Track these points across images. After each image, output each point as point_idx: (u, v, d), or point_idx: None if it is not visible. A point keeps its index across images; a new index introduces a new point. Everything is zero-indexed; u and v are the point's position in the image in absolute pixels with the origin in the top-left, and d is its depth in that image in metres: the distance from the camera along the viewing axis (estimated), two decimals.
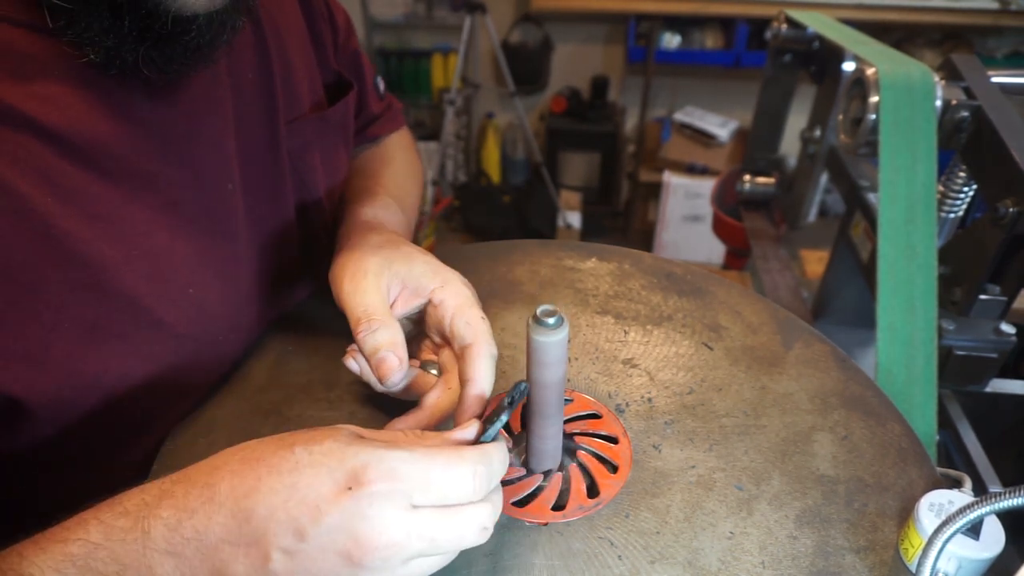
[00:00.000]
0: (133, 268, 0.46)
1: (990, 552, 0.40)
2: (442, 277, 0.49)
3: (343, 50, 0.71)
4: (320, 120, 0.63)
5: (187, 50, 0.44)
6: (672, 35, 2.86)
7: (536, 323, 0.41)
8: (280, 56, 0.59)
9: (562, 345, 0.42)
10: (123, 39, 0.41)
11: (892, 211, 0.67)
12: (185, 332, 0.51)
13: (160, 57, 0.43)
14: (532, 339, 0.41)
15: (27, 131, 0.41)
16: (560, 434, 0.48)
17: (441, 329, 0.49)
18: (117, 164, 0.45)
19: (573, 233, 3.00)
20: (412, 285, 0.50)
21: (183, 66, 0.45)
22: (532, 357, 0.42)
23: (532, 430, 0.47)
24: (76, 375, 0.45)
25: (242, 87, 0.55)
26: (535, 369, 0.43)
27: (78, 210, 0.43)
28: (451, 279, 0.49)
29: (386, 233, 0.56)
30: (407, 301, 0.50)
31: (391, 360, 0.45)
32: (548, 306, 0.41)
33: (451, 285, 0.49)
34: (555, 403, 0.45)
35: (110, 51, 0.41)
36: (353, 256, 0.51)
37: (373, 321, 0.46)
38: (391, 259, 0.50)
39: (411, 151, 0.82)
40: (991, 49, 2.80)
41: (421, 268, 0.50)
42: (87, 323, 0.45)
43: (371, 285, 0.48)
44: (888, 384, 0.62)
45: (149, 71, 0.43)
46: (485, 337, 0.46)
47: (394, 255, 0.50)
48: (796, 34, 1.04)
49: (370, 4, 3.03)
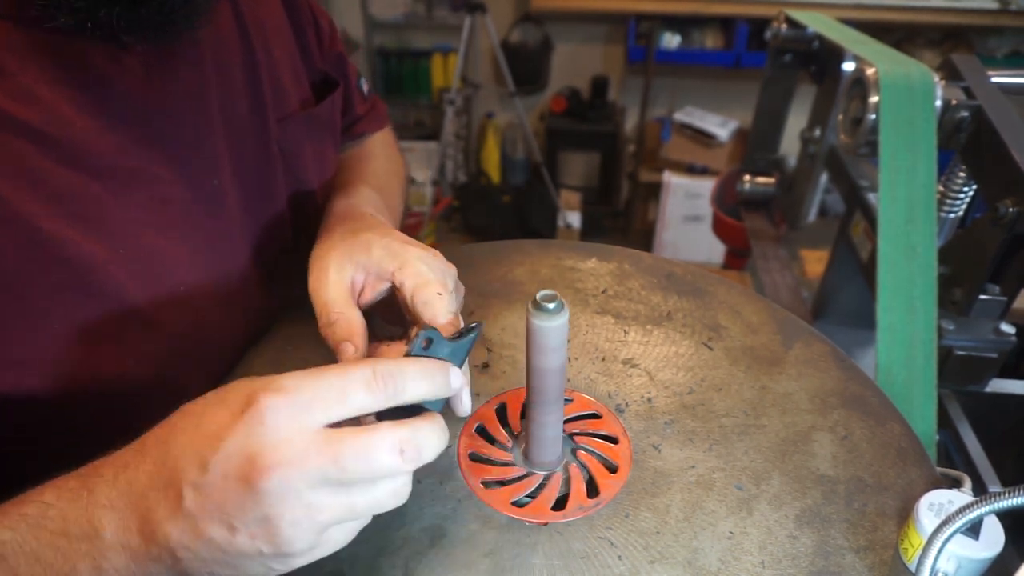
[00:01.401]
0: (122, 267, 0.46)
1: (990, 552, 0.40)
2: (400, 259, 0.49)
3: (328, 51, 0.71)
4: (309, 117, 0.63)
5: (163, 10, 0.43)
6: (672, 35, 2.86)
7: (536, 308, 0.41)
8: (266, 54, 0.59)
9: (562, 330, 0.41)
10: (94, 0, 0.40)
11: (892, 211, 0.67)
12: (178, 331, 0.50)
13: (136, 19, 0.42)
14: (532, 324, 0.41)
15: (7, 129, 0.40)
16: (560, 423, 0.47)
17: (409, 310, 0.49)
18: (100, 161, 0.45)
19: (573, 233, 3.00)
20: (374, 271, 0.50)
21: (161, 30, 0.44)
22: (532, 342, 0.42)
23: (532, 418, 0.46)
24: (69, 377, 0.45)
25: (229, 85, 0.55)
26: (535, 355, 0.42)
27: (63, 210, 0.43)
28: (408, 259, 0.49)
29: (351, 223, 0.56)
30: (374, 286, 0.50)
31: (347, 349, 0.46)
32: (548, 291, 0.41)
33: (408, 266, 0.49)
34: (555, 390, 0.45)
35: (80, 12, 0.40)
36: (318, 253, 0.52)
37: (332, 314, 0.47)
38: (351, 250, 0.50)
39: (393, 148, 0.83)
40: (991, 49, 2.80)
41: (379, 253, 0.50)
42: (78, 325, 0.44)
43: (332, 279, 0.49)
44: (888, 384, 0.62)
45: (126, 36, 0.42)
46: (442, 313, 0.46)
47: (354, 245, 0.51)
48: (796, 34, 1.04)
49: (370, 4, 3.03)
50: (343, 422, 0.35)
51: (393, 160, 0.81)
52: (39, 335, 0.43)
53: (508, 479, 0.48)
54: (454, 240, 3.25)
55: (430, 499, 0.46)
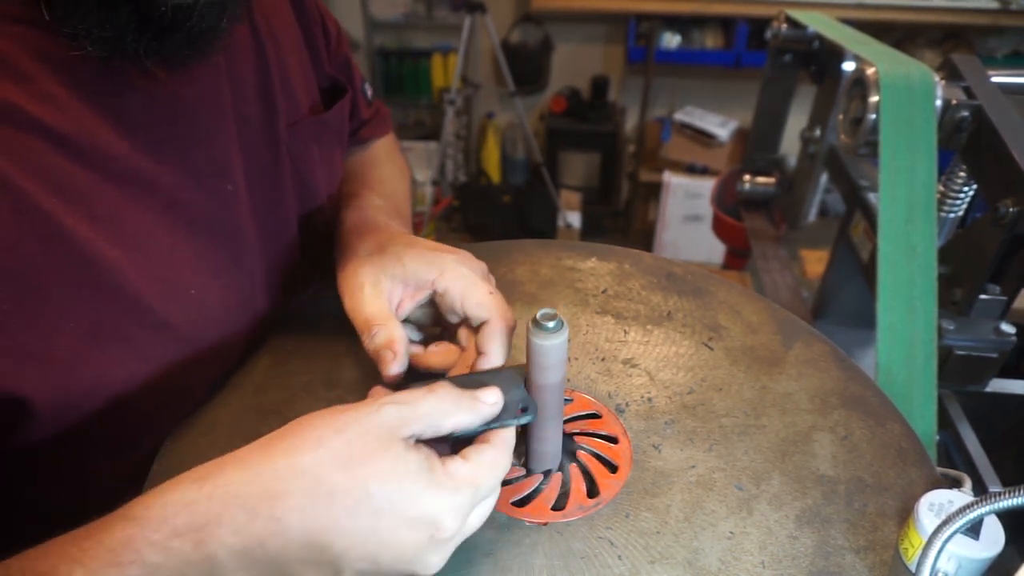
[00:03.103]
0: (136, 269, 0.46)
1: (990, 552, 0.40)
2: (438, 267, 0.51)
3: (335, 56, 0.71)
4: (319, 123, 0.63)
5: (188, 38, 0.43)
6: (672, 35, 2.86)
7: (536, 327, 0.41)
8: (277, 59, 0.59)
9: (562, 349, 0.42)
10: (122, 30, 0.41)
11: (892, 211, 0.67)
12: (188, 333, 0.51)
13: (162, 48, 0.43)
14: (532, 342, 0.42)
15: (30, 131, 0.41)
16: (559, 436, 0.48)
17: (455, 313, 0.51)
18: (117, 165, 0.45)
19: (573, 233, 3.00)
20: (412, 282, 0.51)
21: (185, 56, 0.45)
22: (532, 360, 0.43)
23: (531, 432, 0.47)
24: (80, 375, 0.45)
25: (242, 90, 0.55)
26: (534, 372, 0.43)
27: (82, 210, 0.43)
28: (447, 265, 0.51)
29: (373, 236, 0.57)
30: (413, 297, 0.52)
31: (386, 356, 0.48)
32: (548, 310, 0.42)
33: (449, 271, 0.50)
34: (554, 406, 0.45)
35: (108, 43, 0.41)
36: (347, 271, 0.53)
37: (373, 327, 0.48)
38: (383, 265, 0.52)
39: (397, 154, 0.84)
40: (991, 49, 2.80)
41: (414, 264, 0.51)
42: (91, 324, 0.45)
43: (368, 296, 0.50)
44: (888, 384, 0.62)
45: (152, 63, 0.43)
46: (499, 312, 0.49)
47: (384, 260, 0.52)
48: (796, 34, 1.04)
49: (370, 4, 3.03)
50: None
51: (398, 165, 0.81)
52: (53, 331, 0.43)
53: (508, 479, 0.48)
54: (454, 240, 3.25)
55: None
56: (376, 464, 0.35)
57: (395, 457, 0.35)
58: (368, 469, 0.35)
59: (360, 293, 0.50)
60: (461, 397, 0.40)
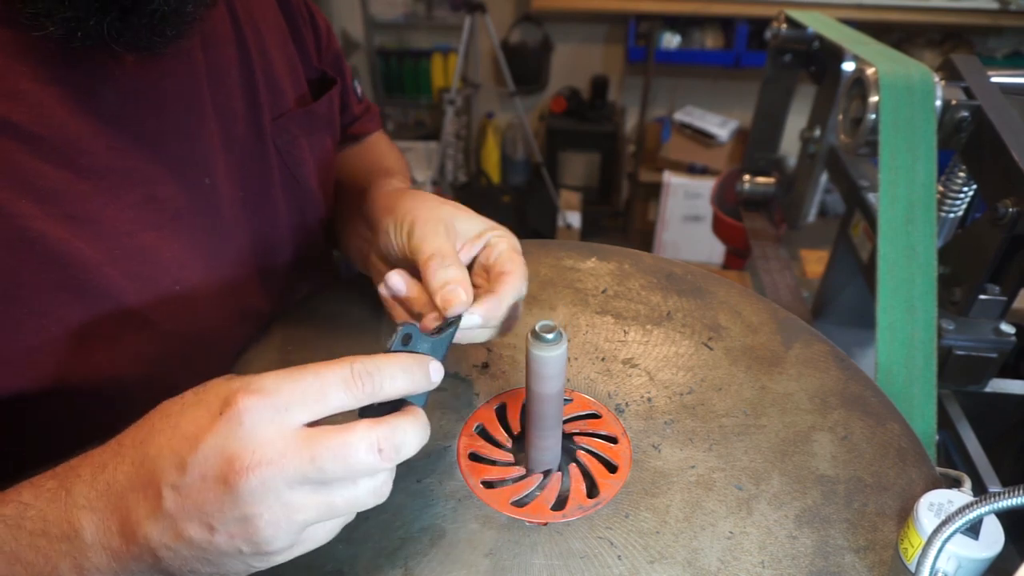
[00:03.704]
0: (117, 267, 0.46)
1: (990, 552, 0.40)
2: (500, 229, 0.51)
3: (326, 52, 0.71)
4: (307, 114, 0.63)
5: (152, 21, 0.43)
6: (672, 35, 2.86)
7: (535, 338, 0.42)
8: (260, 53, 0.59)
9: (560, 360, 0.43)
10: (83, 9, 0.40)
11: (892, 211, 0.67)
12: (174, 330, 0.50)
13: (126, 29, 0.42)
14: (531, 353, 0.42)
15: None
16: (559, 443, 0.48)
17: (487, 261, 0.50)
18: (92, 161, 0.45)
19: (573, 233, 3.00)
20: (473, 235, 0.50)
21: (152, 41, 0.44)
22: (531, 370, 0.43)
23: (531, 440, 0.47)
24: (66, 378, 0.45)
25: (223, 83, 0.54)
26: (534, 382, 0.43)
27: (56, 210, 0.43)
28: (507, 232, 0.51)
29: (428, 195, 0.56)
30: (468, 251, 0.51)
31: (459, 293, 0.45)
32: (547, 322, 0.42)
33: (508, 236, 0.51)
34: (553, 415, 0.46)
35: (70, 22, 0.40)
36: (422, 205, 0.51)
37: (446, 258, 0.46)
38: (455, 215, 0.51)
39: (395, 148, 0.84)
40: (991, 49, 2.80)
41: (478, 223, 0.51)
42: (73, 325, 0.44)
43: (442, 232, 0.48)
44: (888, 384, 0.62)
45: (117, 45, 0.42)
46: (522, 272, 0.48)
47: (457, 213, 0.51)
48: (796, 34, 1.04)
49: (370, 4, 3.03)
50: (322, 420, 0.35)
51: (400, 159, 0.82)
52: (33, 335, 0.43)
53: (508, 479, 0.48)
54: None
55: (430, 499, 0.46)
56: (206, 394, 0.35)
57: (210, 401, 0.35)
58: (197, 395, 0.35)
59: (437, 226, 0.48)
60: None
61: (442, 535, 0.44)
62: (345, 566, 0.42)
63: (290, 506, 0.33)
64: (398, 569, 0.42)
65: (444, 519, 0.45)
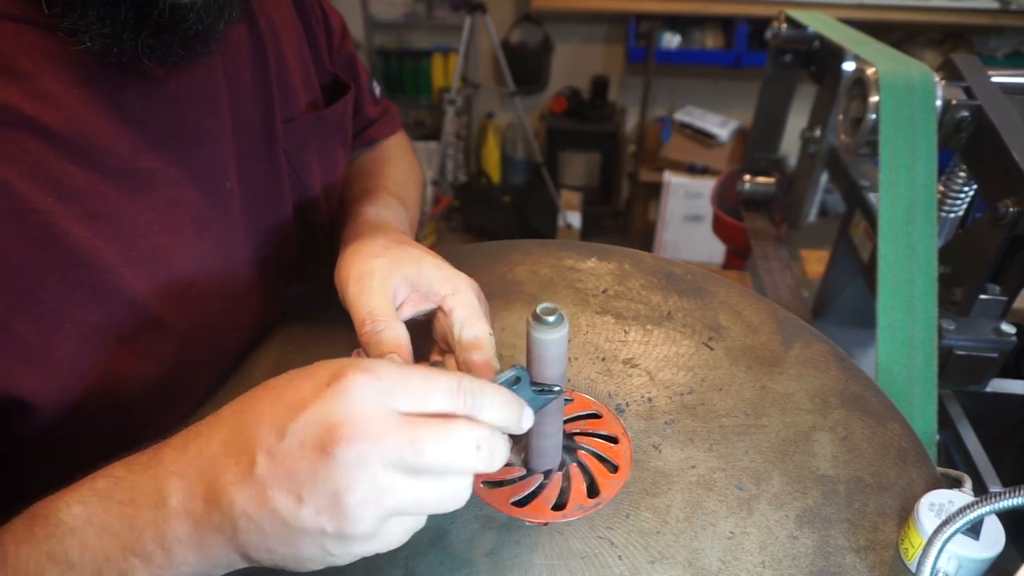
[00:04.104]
0: (134, 269, 0.46)
1: (990, 552, 0.40)
2: (454, 284, 0.48)
3: (338, 53, 0.71)
4: (317, 120, 0.63)
5: (185, 38, 0.43)
6: (672, 35, 2.86)
7: (536, 321, 0.41)
8: (276, 55, 0.59)
9: (562, 343, 0.42)
10: (120, 27, 0.41)
11: (892, 211, 0.67)
12: (187, 332, 0.51)
13: (159, 46, 0.43)
14: (532, 336, 0.41)
15: (26, 130, 0.41)
16: (560, 432, 0.48)
17: (447, 337, 0.48)
18: (116, 162, 0.45)
19: (573, 233, 3.00)
20: (423, 289, 0.49)
21: (182, 55, 0.45)
22: (532, 354, 0.42)
23: (531, 439, 0.47)
24: (80, 377, 0.45)
25: (239, 86, 0.55)
26: (535, 367, 0.43)
27: (79, 210, 0.43)
28: (463, 287, 0.48)
29: (392, 233, 0.56)
30: (415, 304, 0.49)
31: (395, 361, 0.44)
32: (548, 304, 0.41)
33: (462, 294, 0.48)
34: (555, 401, 0.45)
35: (107, 39, 0.41)
36: (359, 257, 0.50)
37: (378, 322, 0.46)
38: (399, 261, 0.50)
39: (410, 153, 0.83)
40: (991, 49, 2.79)
41: (432, 273, 0.49)
42: (90, 325, 0.45)
43: (377, 287, 0.48)
44: (888, 384, 0.62)
45: (149, 60, 0.43)
46: (489, 352, 0.46)
47: (402, 257, 0.50)
48: (796, 34, 1.04)
49: (370, 4, 3.03)
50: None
51: (411, 165, 0.80)
52: (51, 333, 0.43)
53: (508, 479, 0.48)
54: (454, 240, 3.25)
55: None
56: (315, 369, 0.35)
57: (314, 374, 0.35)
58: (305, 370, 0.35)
59: (369, 281, 0.48)
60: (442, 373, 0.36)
61: (442, 535, 0.44)
62: (345, 566, 0.42)
63: (381, 487, 0.32)
64: (398, 569, 0.42)
65: (444, 519, 0.45)
